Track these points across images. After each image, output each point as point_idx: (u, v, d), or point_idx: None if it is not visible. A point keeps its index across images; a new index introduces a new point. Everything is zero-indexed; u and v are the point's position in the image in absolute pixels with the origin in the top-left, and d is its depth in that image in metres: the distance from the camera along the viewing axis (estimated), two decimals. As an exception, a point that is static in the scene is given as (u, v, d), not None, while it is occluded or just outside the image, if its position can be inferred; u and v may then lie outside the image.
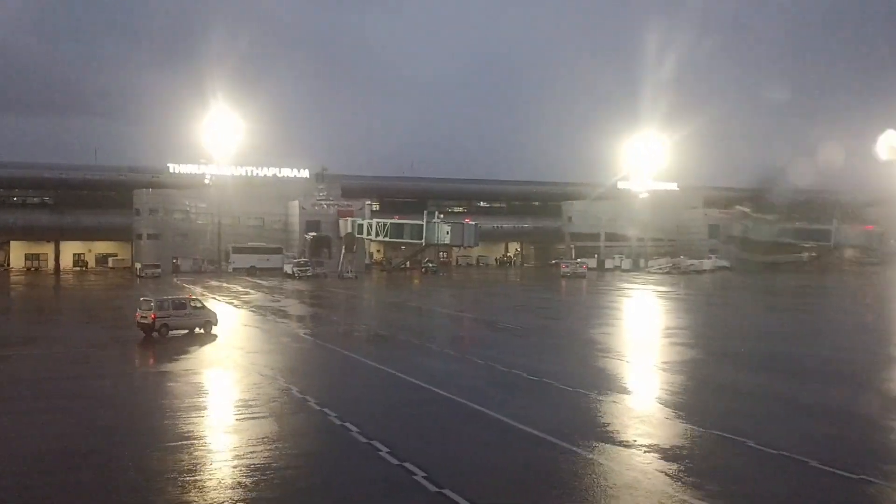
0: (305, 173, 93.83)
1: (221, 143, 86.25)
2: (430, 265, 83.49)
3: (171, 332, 26.40)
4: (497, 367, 20.79)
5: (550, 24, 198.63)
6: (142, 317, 26.59)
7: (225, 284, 59.85)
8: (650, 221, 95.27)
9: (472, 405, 16.05)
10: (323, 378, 20.78)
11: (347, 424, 14.32)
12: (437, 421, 15.11)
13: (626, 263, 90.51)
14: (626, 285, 61.13)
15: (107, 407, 16.66)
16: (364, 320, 37.47)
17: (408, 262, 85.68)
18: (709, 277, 74.47)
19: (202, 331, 27.33)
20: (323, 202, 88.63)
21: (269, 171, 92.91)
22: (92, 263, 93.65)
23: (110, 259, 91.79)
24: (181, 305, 27.45)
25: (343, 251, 76.95)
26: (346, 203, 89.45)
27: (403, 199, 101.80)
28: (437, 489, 10.78)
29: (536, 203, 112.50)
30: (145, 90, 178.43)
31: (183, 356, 23.40)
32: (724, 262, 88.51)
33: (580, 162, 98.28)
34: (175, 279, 66.37)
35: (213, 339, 26.59)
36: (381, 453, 12.52)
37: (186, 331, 26.98)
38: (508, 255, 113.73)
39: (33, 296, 56.73)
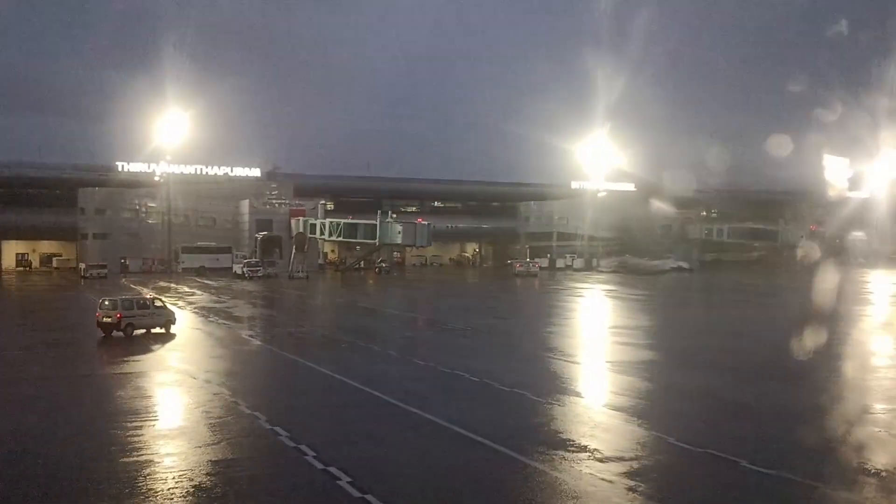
0: (257, 172, 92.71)
1: (172, 141, 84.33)
2: (384, 265, 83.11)
3: (134, 332, 26.31)
4: (439, 368, 20.61)
5: (509, 21, 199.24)
6: (105, 316, 26.37)
7: (173, 285, 58.71)
8: (603, 221, 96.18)
9: (407, 407, 15.81)
10: (258, 381, 20.37)
11: (277, 428, 13.97)
12: (368, 424, 14.81)
13: (578, 262, 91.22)
14: (575, 284, 61.58)
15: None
16: (307, 322, 36.95)
17: (361, 262, 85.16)
18: (657, 277, 75.54)
19: (163, 330, 27.32)
20: (274, 201, 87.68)
21: (221, 170, 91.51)
22: (36, 264, 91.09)
23: (55, 259, 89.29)
24: (144, 305, 27.88)
25: (294, 251, 76.19)
26: (298, 202, 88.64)
27: (359, 198, 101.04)
28: (360, 494, 10.52)
29: (495, 203, 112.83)
30: (94, 88, 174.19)
31: (132, 357, 22.85)
32: (682, 263, 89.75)
33: (538, 162, 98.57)
34: (122, 280, 64.89)
35: (172, 338, 26.76)
36: (307, 458, 12.22)
37: (145, 330, 26.83)
38: (465, 254, 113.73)
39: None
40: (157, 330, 27.26)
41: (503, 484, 11.26)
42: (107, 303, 27.12)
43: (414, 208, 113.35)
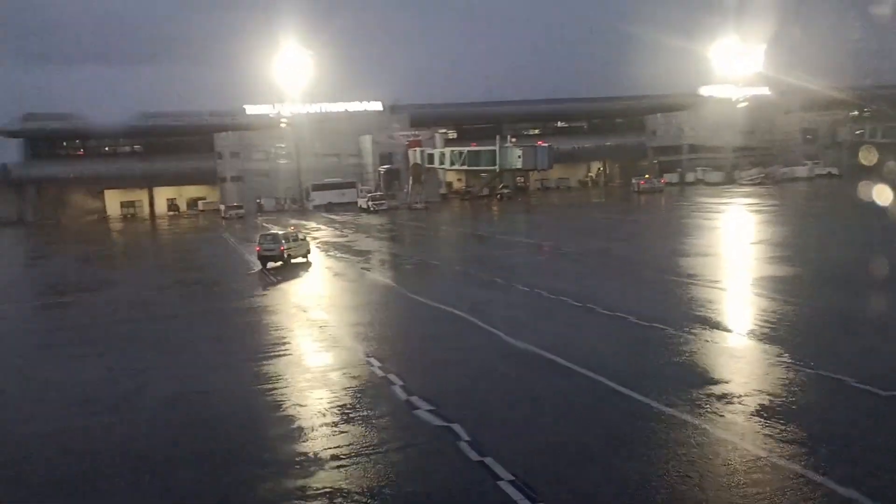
0: (377, 106, 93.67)
1: (293, 81, 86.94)
2: (505, 191, 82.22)
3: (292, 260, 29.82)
4: (543, 294, 20.20)
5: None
6: (266, 249, 29.31)
7: (302, 221, 60.97)
8: (739, 129, 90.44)
9: (497, 333, 15.58)
10: (359, 312, 20.65)
11: (371, 359, 14.16)
12: (456, 352, 14.70)
13: (712, 176, 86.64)
14: (707, 199, 58.61)
15: (149, 350, 17.07)
16: (417, 251, 37.16)
17: (484, 190, 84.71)
18: (806, 186, 70.44)
19: (305, 259, 30.76)
20: (394, 133, 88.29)
21: (341, 107, 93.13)
22: (184, 207, 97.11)
23: (200, 202, 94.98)
24: (295, 238, 31.04)
25: (411, 182, 76.88)
26: (416, 133, 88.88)
27: (479, 125, 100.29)
28: (444, 423, 10.45)
29: (619, 119, 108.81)
30: (218, 33, 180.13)
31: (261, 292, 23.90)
32: (830, 169, 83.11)
33: (664, 71, 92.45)
34: (257, 219, 67.94)
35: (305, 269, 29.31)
36: (394, 386, 12.30)
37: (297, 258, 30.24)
38: (590, 175, 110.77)
39: (121, 241, 59.30)
40: (299, 260, 30.33)
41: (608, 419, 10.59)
42: (269, 237, 30.28)
43: (537, 130, 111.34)
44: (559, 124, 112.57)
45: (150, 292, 26.31)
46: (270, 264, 29.04)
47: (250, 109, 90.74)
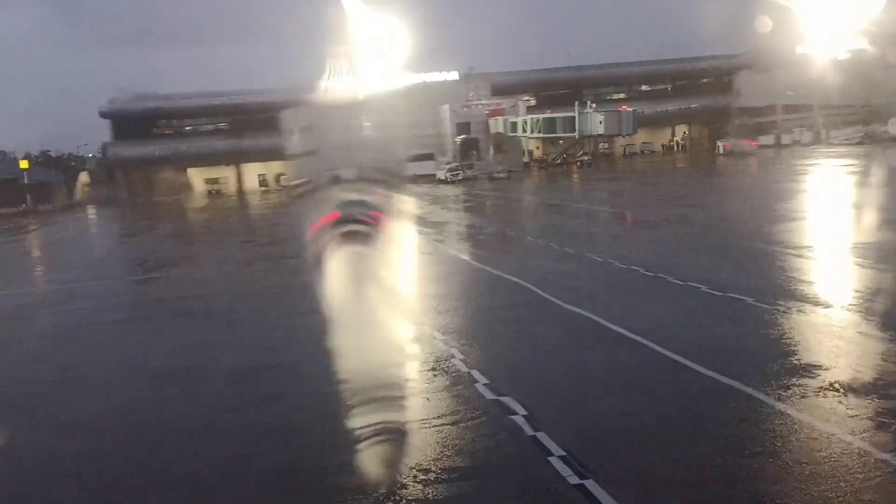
0: (454, 75, 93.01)
1: (371, 53, 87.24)
2: (585, 158, 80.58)
3: None
4: (615, 263, 19.59)
5: None
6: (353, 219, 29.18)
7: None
8: (837, 88, 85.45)
9: (563, 305, 15.15)
10: (429, 284, 20.52)
11: (436, 332, 14.02)
12: (517, 325, 14.38)
13: (807, 137, 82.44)
14: (801, 161, 55.83)
15: (221, 324, 17.45)
16: (491, 222, 36.71)
17: (563, 157, 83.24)
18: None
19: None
20: (471, 103, 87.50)
21: (418, 77, 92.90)
22: (273, 183, 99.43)
23: (281, 178, 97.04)
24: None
25: (491, 151, 76.19)
26: (496, 102, 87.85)
27: (559, 91, 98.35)
28: (494, 397, 10.20)
29: (705, 80, 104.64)
30: (295, 10, 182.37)
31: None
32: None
33: (753, 29, 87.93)
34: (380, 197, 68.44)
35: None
36: (453, 360, 12.10)
37: None
38: (675, 139, 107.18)
39: (202, 218, 61.15)
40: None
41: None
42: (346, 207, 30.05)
43: (622, 94, 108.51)
44: (644, 87, 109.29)
45: (228, 267, 26.96)
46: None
47: (325, 84, 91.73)
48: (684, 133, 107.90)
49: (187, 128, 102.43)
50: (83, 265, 31.78)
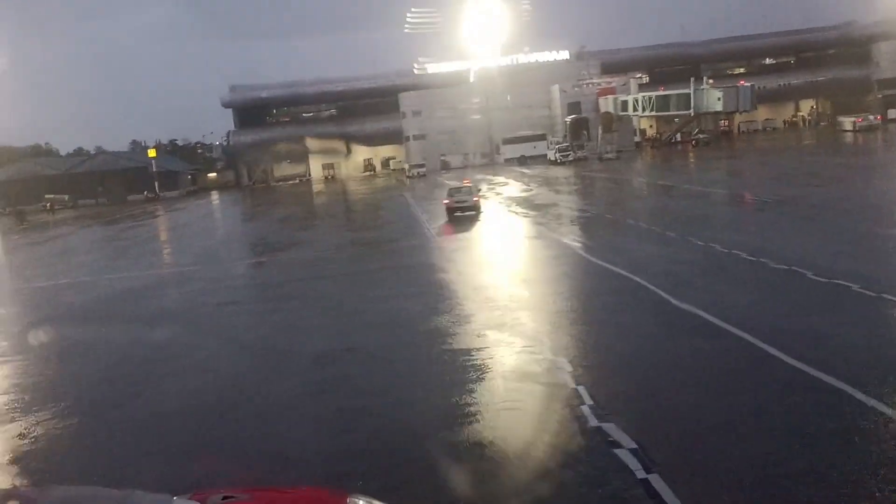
0: (565, 55, 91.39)
1: (477, 35, 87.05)
2: (701, 136, 77.31)
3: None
4: (717, 248, 18.62)
5: None
6: (457, 202, 31.68)
7: (489, 176, 61.33)
8: None
9: (659, 293, 14.50)
10: (524, 270, 20.22)
11: (519, 313, 13.77)
12: (613, 313, 13.90)
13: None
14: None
15: (316, 307, 17.85)
16: (595, 204, 35.69)
17: (677, 136, 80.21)
18: None
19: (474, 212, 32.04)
20: (582, 82, 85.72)
21: (528, 58, 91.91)
22: (378, 167, 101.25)
23: (391, 161, 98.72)
24: (472, 192, 33.12)
25: (600, 131, 74.35)
26: (607, 80, 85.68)
27: (674, 67, 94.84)
28: (574, 385, 9.89)
29: (832, 51, 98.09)
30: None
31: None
32: None
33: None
34: (440, 177, 69.04)
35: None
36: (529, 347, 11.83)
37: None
38: (800, 114, 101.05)
39: (314, 202, 62.93)
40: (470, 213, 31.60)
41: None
42: (459, 190, 32.70)
43: (741, 69, 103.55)
44: (766, 61, 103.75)
45: (330, 252, 27.59)
46: (457, 213, 31.29)
47: (434, 67, 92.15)
48: (811, 108, 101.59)
49: (304, 115, 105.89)
50: (198, 250, 33.38)
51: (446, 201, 32.07)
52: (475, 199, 32.41)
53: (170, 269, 28.28)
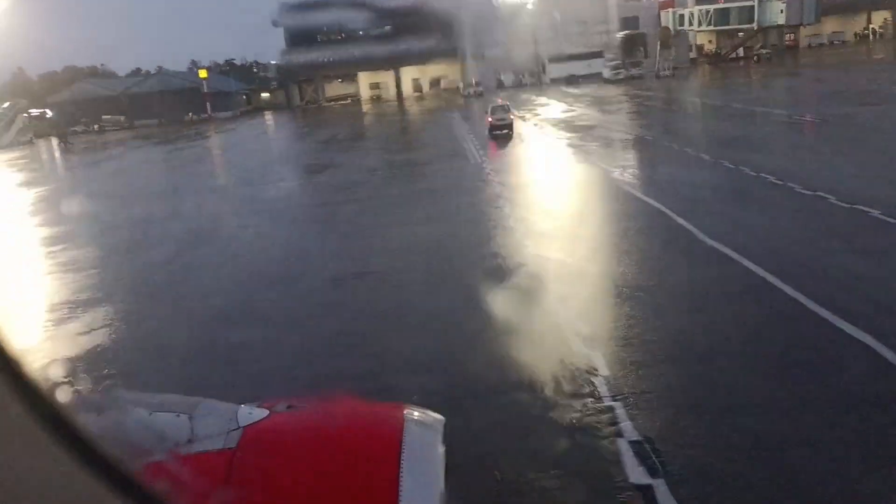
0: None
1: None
2: (763, 52, 73.70)
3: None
4: (746, 171, 18.08)
5: None
6: (498, 119, 32.59)
7: (533, 97, 60.10)
8: None
9: (673, 218, 14.26)
10: (546, 195, 20.01)
11: (528, 242, 13.75)
12: (625, 237, 13.76)
13: None
14: None
15: (335, 233, 18.11)
16: (636, 125, 34.66)
17: (738, 51, 76.64)
18: None
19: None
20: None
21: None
22: (426, 87, 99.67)
23: (441, 81, 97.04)
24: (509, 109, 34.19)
25: (658, 48, 71.48)
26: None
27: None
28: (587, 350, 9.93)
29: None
30: None
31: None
32: None
33: None
34: (495, 96, 67.93)
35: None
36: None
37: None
38: (871, 27, 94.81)
39: (359, 123, 62.71)
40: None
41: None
42: (499, 109, 33.25)
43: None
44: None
45: (362, 175, 27.68)
46: (498, 132, 32.08)
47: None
48: (885, 20, 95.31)
49: (356, 33, 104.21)
50: (236, 172, 33.92)
51: (490, 119, 33.08)
52: (510, 116, 33.24)
53: (203, 194, 28.20)
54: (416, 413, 4.75)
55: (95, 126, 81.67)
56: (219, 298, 12.63)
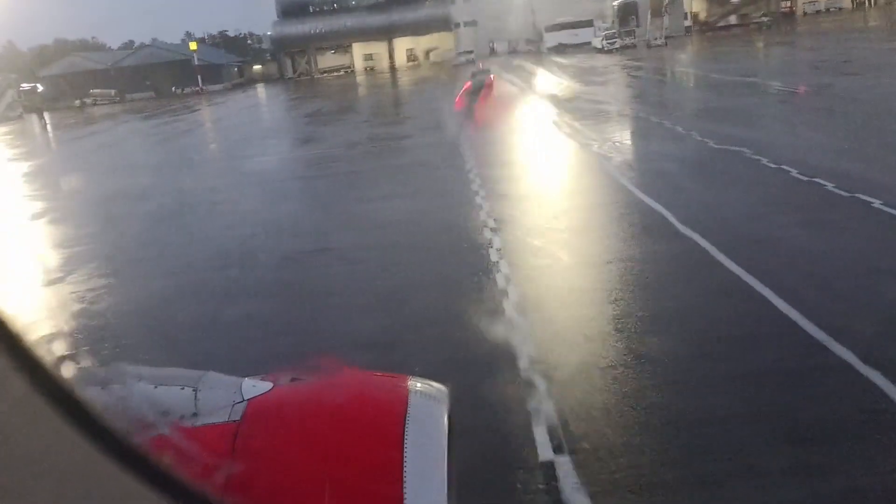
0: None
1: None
2: (764, 19, 73.07)
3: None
4: (711, 144, 17.94)
5: None
6: (478, 81, 35.06)
7: (527, 64, 59.73)
8: None
9: (634, 192, 14.18)
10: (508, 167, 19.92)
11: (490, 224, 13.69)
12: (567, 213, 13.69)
13: None
14: None
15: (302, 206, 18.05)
16: (612, 94, 34.41)
17: (730, 19, 76.00)
18: None
19: None
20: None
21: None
22: (421, 57, 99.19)
23: (435, 51, 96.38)
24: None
25: (649, 16, 70.86)
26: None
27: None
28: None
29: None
30: None
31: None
32: None
33: None
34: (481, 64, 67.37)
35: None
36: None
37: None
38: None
39: (348, 95, 62.27)
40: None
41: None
42: (479, 73, 36.10)
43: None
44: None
45: (341, 150, 27.52)
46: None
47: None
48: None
49: (351, 2, 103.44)
50: (215, 147, 33.80)
51: (468, 83, 34.50)
52: (491, 79, 35.57)
53: (180, 170, 28.15)
54: (419, 384, 4.64)
55: (80, 101, 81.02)
56: (158, 281, 12.57)
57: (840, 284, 8.62)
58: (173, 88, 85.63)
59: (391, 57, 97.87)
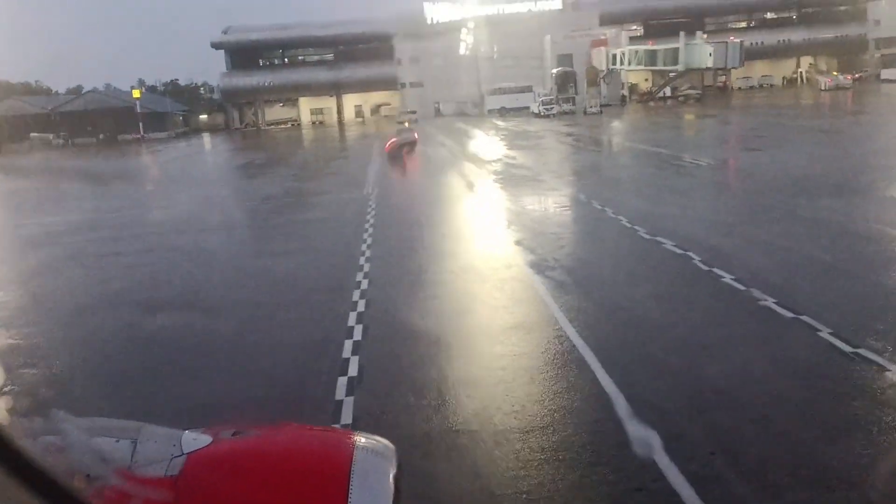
0: (558, 4, 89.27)
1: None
2: (692, 92, 76.04)
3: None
4: (608, 213, 18.38)
5: None
6: (403, 139, 38.22)
7: (465, 126, 60.78)
8: None
9: (520, 254, 14.41)
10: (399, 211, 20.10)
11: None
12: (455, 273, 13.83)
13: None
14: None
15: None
16: (541, 161, 35.14)
17: (665, 91, 78.89)
18: None
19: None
20: (574, 34, 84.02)
21: (522, 6, 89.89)
22: (368, 114, 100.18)
23: (382, 108, 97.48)
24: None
25: (585, 85, 73.16)
26: (602, 32, 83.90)
27: (675, 19, 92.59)
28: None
29: (841, 7, 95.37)
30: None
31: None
32: None
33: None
34: (429, 126, 68.30)
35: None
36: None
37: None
38: (799, 71, 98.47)
39: (287, 148, 62.40)
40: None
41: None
42: (404, 131, 39.77)
43: (743, 24, 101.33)
44: (768, 16, 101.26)
45: (254, 203, 27.49)
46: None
47: (431, 12, 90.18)
48: (810, 65, 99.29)
49: (300, 58, 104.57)
50: (140, 194, 33.43)
51: (394, 139, 37.44)
52: (414, 136, 38.43)
53: (97, 213, 27.69)
54: (364, 440, 4.66)
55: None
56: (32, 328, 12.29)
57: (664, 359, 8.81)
58: (122, 135, 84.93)
59: (339, 112, 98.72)
